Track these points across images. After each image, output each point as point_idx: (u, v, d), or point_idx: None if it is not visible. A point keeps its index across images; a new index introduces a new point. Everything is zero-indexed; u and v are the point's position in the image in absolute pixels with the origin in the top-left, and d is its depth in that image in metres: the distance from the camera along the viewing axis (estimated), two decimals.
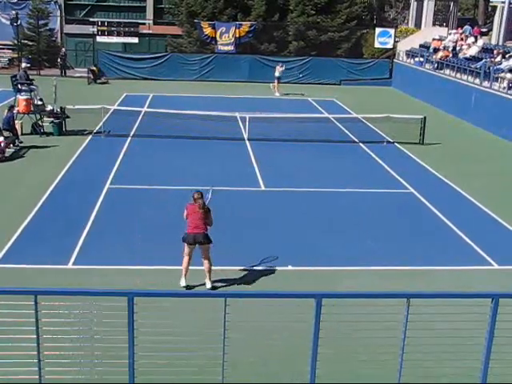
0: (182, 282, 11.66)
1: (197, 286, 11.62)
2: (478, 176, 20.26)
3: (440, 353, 8.92)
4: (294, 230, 14.73)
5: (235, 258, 12.99)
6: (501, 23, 36.34)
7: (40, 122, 23.88)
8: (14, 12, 40.96)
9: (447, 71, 34.86)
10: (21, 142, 21.74)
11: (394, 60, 43.38)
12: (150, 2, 48.26)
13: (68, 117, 24.54)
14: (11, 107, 22.37)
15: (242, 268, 12.54)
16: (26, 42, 43.93)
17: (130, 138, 23.49)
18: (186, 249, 11.64)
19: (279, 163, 20.85)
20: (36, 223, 14.59)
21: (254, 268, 12.57)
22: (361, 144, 24.13)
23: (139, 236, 13.98)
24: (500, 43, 34.88)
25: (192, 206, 11.79)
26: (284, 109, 29.61)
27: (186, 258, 11.66)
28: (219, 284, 11.59)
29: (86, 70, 40.89)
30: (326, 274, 12.37)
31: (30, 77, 26.85)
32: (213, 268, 11.76)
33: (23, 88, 24.98)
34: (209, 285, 11.64)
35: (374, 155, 22.46)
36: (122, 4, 48.28)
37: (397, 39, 44.86)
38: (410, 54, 41.98)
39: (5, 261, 12.40)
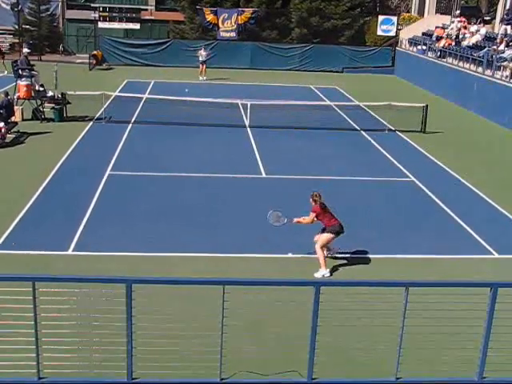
0: (326, 273, 11.78)
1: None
2: (480, 165, 20.22)
3: (439, 341, 8.91)
4: (294, 217, 14.68)
5: (235, 245, 12.99)
6: (503, 11, 36.09)
7: (41, 108, 23.82)
8: None
9: (450, 59, 34.73)
10: (17, 131, 21.61)
11: (397, 48, 43.22)
12: None
13: (69, 103, 24.51)
14: (6, 94, 22.22)
15: (242, 255, 12.54)
16: (27, 27, 43.80)
17: (130, 125, 23.45)
18: (330, 239, 11.94)
19: (280, 150, 20.80)
20: (36, 209, 14.57)
21: (254, 255, 12.56)
22: (362, 132, 24.07)
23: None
24: (503, 31, 34.65)
25: (318, 207, 11.97)
26: (286, 96, 29.51)
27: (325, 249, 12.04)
28: (219, 271, 11.56)
29: (87, 55, 40.82)
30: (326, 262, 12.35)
31: (31, 62, 26.74)
32: (213, 255, 11.75)
33: (24, 74, 24.86)
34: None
35: (375, 143, 22.40)
36: None
37: (399, 27, 44.68)
38: (413, 41, 41.82)
39: (4, 247, 12.39)
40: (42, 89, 25.32)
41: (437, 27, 40.07)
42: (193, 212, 14.86)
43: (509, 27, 33.47)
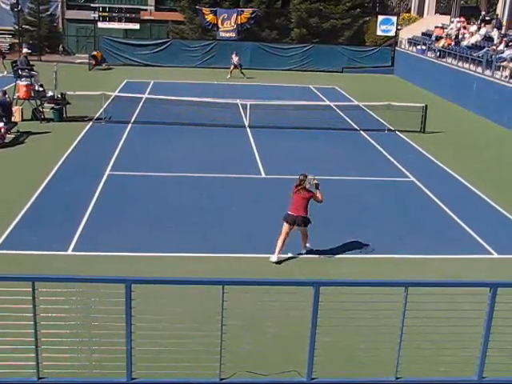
0: (274, 258, 12.04)
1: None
2: (479, 164, 20.22)
3: (438, 341, 8.92)
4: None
5: (235, 245, 12.99)
6: (504, 11, 36.14)
7: (40, 108, 23.82)
8: None
9: (449, 59, 34.72)
10: (17, 131, 21.59)
11: (396, 48, 43.22)
12: None
13: (69, 103, 24.50)
14: (4, 93, 22.25)
15: (242, 255, 12.53)
16: (26, 27, 43.79)
17: (130, 125, 23.44)
18: (285, 228, 12.09)
19: (280, 150, 20.80)
20: (36, 209, 14.56)
21: (254, 255, 12.55)
22: (362, 132, 24.06)
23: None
24: (503, 31, 34.69)
25: (294, 186, 12.27)
26: (285, 96, 29.54)
27: (282, 237, 12.08)
28: (218, 271, 11.55)
29: (87, 56, 40.82)
30: (325, 262, 12.36)
31: (31, 62, 26.74)
32: (212, 255, 11.77)
33: (24, 74, 24.88)
34: (304, 250, 12.52)
35: (375, 143, 22.40)
36: None
37: (399, 27, 44.68)
38: (412, 41, 41.83)
39: (4, 247, 12.39)
40: (41, 89, 25.31)
41: (436, 27, 40.09)
42: (192, 212, 14.85)
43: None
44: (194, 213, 14.81)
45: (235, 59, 37.11)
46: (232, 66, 37.15)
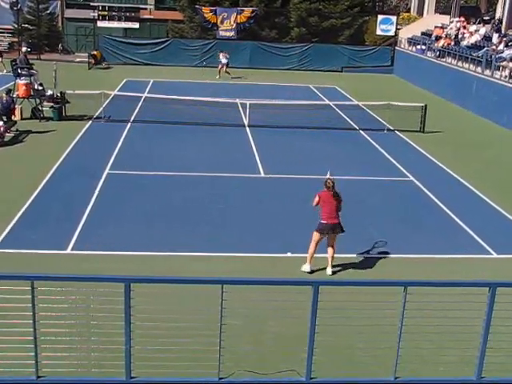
0: (307, 268, 11.74)
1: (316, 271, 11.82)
2: (479, 164, 20.22)
3: (437, 341, 8.92)
4: (293, 216, 14.70)
5: (234, 245, 12.98)
6: (503, 11, 36.14)
7: (40, 107, 23.80)
8: None
9: (449, 59, 34.73)
10: (16, 130, 21.58)
11: (396, 47, 43.22)
12: None
13: (68, 102, 24.47)
14: (9, 91, 22.32)
15: (241, 255, 12.53)
16: (26, 26, 43.78)
17: (129, 124, 23.43)
18: (317, 237, 11.62)
19: (279, 150, 20.79)
20: (35, 208, 14.55)
21: (254, 255, 12.55)
22: (361, 131, 24.07)
23: None
24: (502, 31, 34.68)
25: (326, 193, 11.63)
26: (285, 95, 29.53)
27: (313, 245, 11.67)
28: (217, 270, 11.55)
29: (86, 54, 40.83)
30: (324, 262, 12.34)
31: (30, 61, 26.74)
32: (211, 254, 11.75)
33: (23, 72, 24.89)
34: (330, 271, 11.74)
35: (374, 143, 22.40)
36: None
37: (399, 26, 44.68)
38: (412, 41, 41.83)
39: (3, 246, 12.37)
40: (40, 88, 25.31)
41: (436, 27, 40.10)
42: (191, 211, 14.85)
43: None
44: (194, 212, 14.79)
45: (222, 56, 36.97)
46: (225, 67, 36.98)
